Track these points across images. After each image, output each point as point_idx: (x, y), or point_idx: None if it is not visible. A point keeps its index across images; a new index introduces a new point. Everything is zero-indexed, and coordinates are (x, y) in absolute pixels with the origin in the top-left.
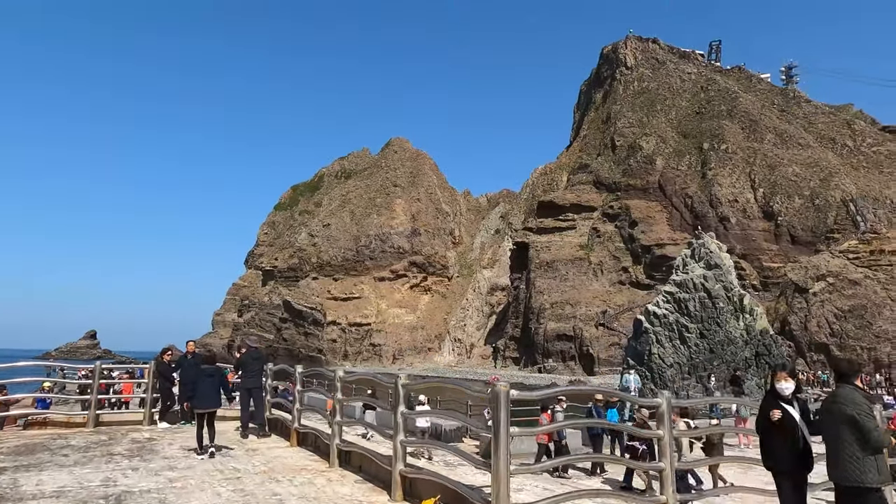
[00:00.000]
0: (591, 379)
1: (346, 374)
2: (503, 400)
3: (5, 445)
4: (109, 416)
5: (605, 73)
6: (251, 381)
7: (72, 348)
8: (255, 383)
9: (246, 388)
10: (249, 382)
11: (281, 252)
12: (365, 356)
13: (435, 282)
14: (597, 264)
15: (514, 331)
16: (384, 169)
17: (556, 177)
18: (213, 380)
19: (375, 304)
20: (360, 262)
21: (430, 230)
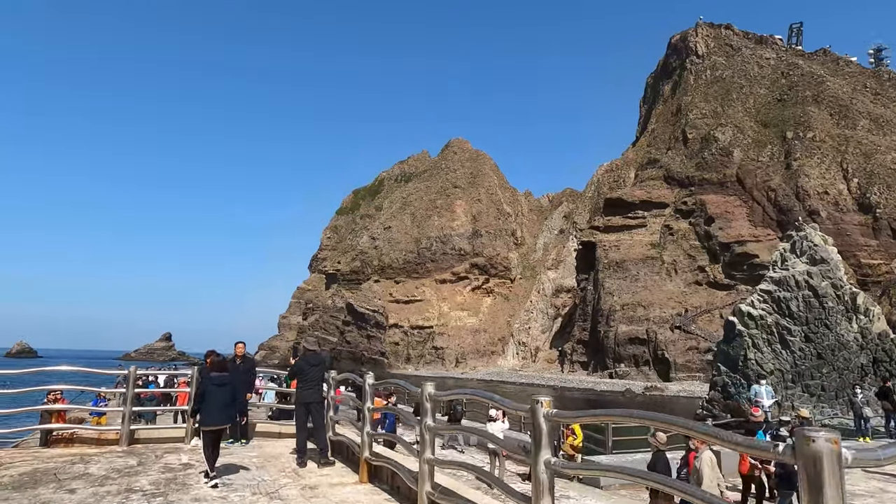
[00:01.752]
0: (668, 385)
1: (376, 381)
2: None
3: (11, 472)
4: (147, 430)
5: (673, 64)
6: (309, 394)
7: (149, 350)
8: (313, 396)
9: (303, 403)
10: (307, 395)
11: (343, 256)
12: (427, 359)
13: (497, 284)
14: (670, 263)
15: (581, 334)
16: (444, 170)
17: (622, 173)
18: (224, 390)
19: (437, 306)
20: (422, 265)
21: (492, 231)
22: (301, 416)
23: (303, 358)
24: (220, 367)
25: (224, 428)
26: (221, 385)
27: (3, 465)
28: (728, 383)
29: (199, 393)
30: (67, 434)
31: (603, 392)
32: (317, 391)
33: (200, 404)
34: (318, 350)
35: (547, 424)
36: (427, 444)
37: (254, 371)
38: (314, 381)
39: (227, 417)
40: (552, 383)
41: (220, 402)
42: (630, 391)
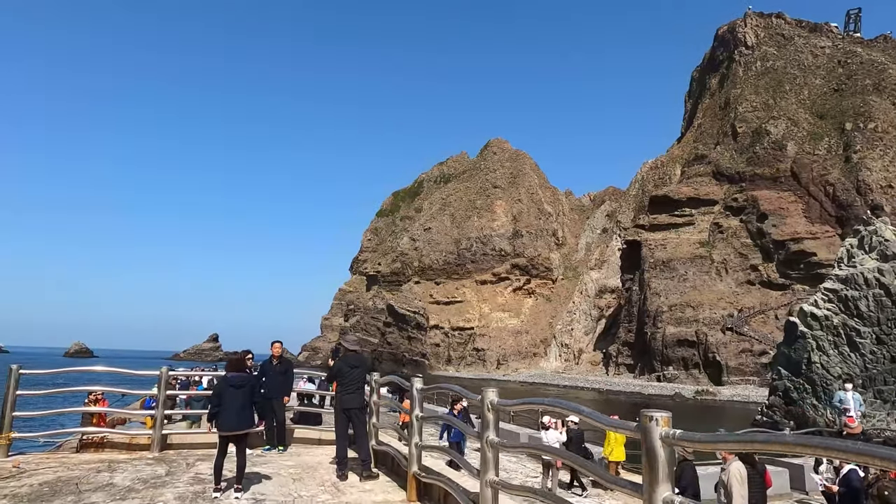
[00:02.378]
0: (720, 389)
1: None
2: None
3: (32, 481)
4: (181, 435)
5: (720, 56)
6: (350, 398)
7: (197, 350)
8: (355, 401)
9: (344, 409)
10: (348, 400)
11: (384, 257)
12: (468, 361)
13: (539, 284)
14: (720, 262)
15: (627, 336)
16: (483, 171)
17: (668, 170)
18: (242, 392)
19: (478, 307)
20: (462, 266)
21: (533, 231)
22: (341, 424)
23: (342, 359)
24: (236, 366)
25: (243, 433)
26: (239, 386)
27: (28, 472)
28: (790, 388)
29: (216, 394)
30: (98, 438)
31: (651, 396)
32: (358, 396)
33: (218, 407)
34: (358, 350)
35: (665, 450)
36: (490, 463)
37: (291, 373)
38: (355, 385)
39: (245, 421)
40: (597, 386)
41: (237, 405)
42: (680, 395)
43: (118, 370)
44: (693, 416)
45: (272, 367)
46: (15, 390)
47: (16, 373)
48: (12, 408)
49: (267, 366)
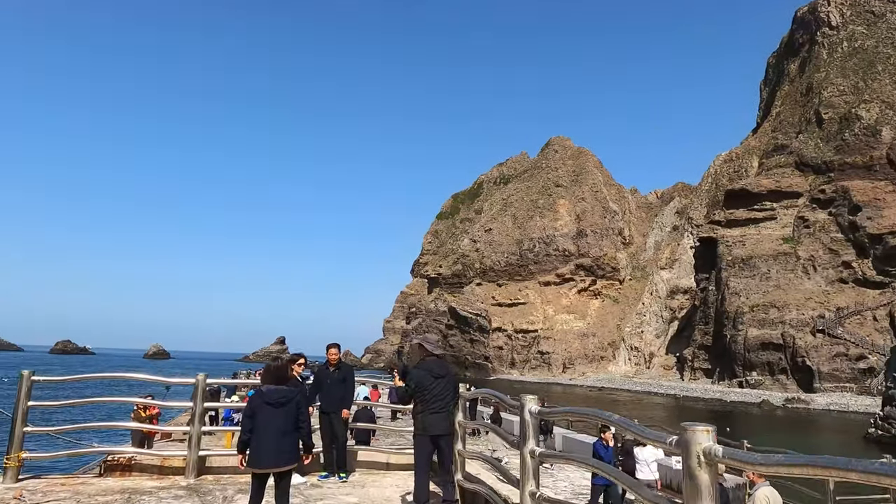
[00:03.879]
0: (813, 397)
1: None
2: None
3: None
4: (222, 457)
5: (800, 39)
6: (437, 420)
7: (265, 352)
8: (442, 425)
9: (430, 435)
10: (435, 422)
11: (444, 259)
12: (533, 364)
13: (605, 285)
14: (807, 259)
15: (703, 338)
16: (545, 169)
17: (743, 163)
18: (284, 412)
19: (542, 309)
20: (524, 267)
21: (598, 230)
22: (423, 454)
23: (423, 366)
24: (276, 376)
25: (284, 470)
26: (279, 404)
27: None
28: None
29: (247, 415)
30: (125, 459)
31: (733, 403)
32: (447, 417)
33: (249, 433)
34: (443, 355)
35: (708, 469)
36: (530, 474)
37: (351, 381)
38: (443, 401)
39: (286, 454)
40: (672, 392)
41: (275, 430)
42: (767, 403)
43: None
44: (785, 427)
45: (329, 375)
46: (27, 400)
47: (28, 379)
48: (24, 421)
49: (322, 373)
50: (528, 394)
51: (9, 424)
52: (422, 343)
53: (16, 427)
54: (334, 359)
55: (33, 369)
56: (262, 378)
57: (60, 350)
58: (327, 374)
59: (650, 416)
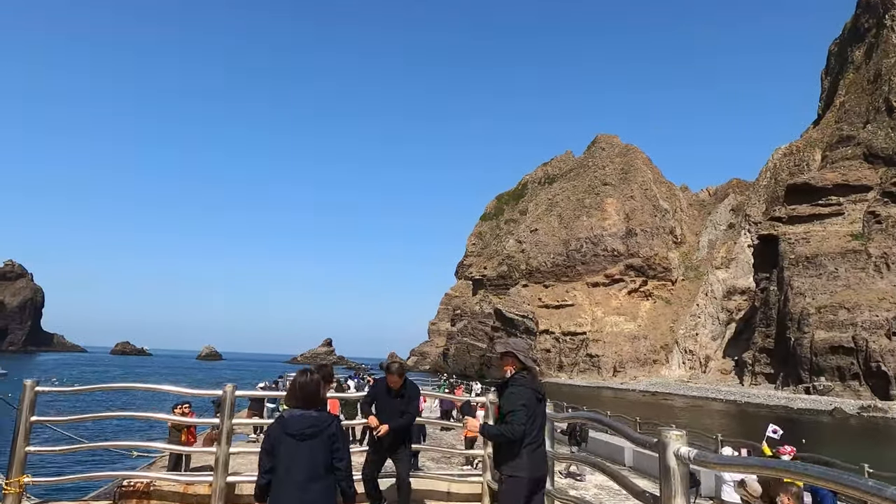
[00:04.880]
0: (890, 405)
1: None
2: None
3: None
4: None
5: (866, 24)
6: (538, 458)
7: (313, 354)
8: (544, 463)
9: (531, 478)
10: (536, 461)
11: (489, 261)
12: (582, 367)
13: (656, 286)
14: (879, 257)
15: (764, 341)
16: (591, 168)
17: (805, 156)
18: (311, 447)
19: (590, 311)
20: (572, 267)
21: (648, 230)
22: (514, 500)
23: (525, 383)
24: (304, 396)
25: None
26: (304, 437)
27: None
28: None
29: (266, 450)
30: (142, 485)
31: (800, 410)
32: (544, 453)
33: (268, 474)
34: (536, 371)
35: (681, 468)
36: None
37: (415, 407)
38: (543, 431)
39: (322, 497)
40: (731, 398)
41: (298, 473)
42: (840, 411)
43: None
44: (862, 438)
45: (388, 402)
46: (30, 415)
47: (31, 391)
48: (26, 440)
49: (380, 394)
50: (580, 397)
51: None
52: (512, 352)
53: (17, 447)
54: (396, 384)
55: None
56: (287, 397)
57: (120, 351)
58: (387, 399)
59: (709, 423)
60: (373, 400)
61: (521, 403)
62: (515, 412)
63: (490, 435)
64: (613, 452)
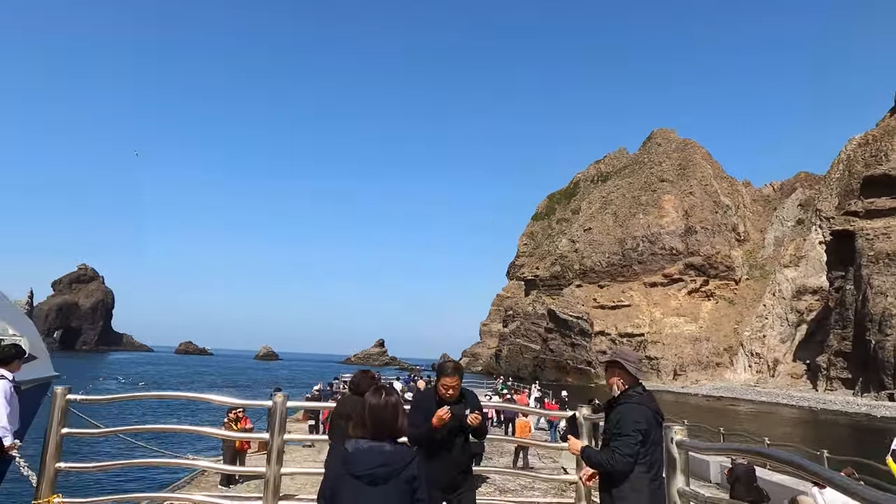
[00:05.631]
0: None
1: None
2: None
3: None
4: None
5: None
6: (663, 493)
7: (366, 355)
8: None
9: None
10: (662, 497)
11: (541, 261)
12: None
13: (718, 286)
14: None
15: (840, 344)
16: (647, 164)
17: (883, 145)
18: (385, 493)
19: (648, 312)
20: (628, 267)
21: (708, 227)
22: None
23: (634, 399)
24: (376, 422)
25: None
26: (374, 480)
27: None
28: None
29: (324, 496)
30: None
31: (885, 419)
32: None
33: None
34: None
35: (680, 453)
36: None
37: (484, 425)
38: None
39: None
40: (804, 404)
41: None
42: None
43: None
44: None
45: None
46: (60, 427)
47: (61, 399)
48: (57, 455)
49: (429, 406)
50: None
51: None
52: (621, 361)
53: (46, 463)
54: (453, 392)
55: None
56: (353, 425)
57: (183, 350)
58: (425, 395)
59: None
60: (424, 418)
61: (635, 428)
62: (627, 437)
63: (594, 462)
64: (695, 466)
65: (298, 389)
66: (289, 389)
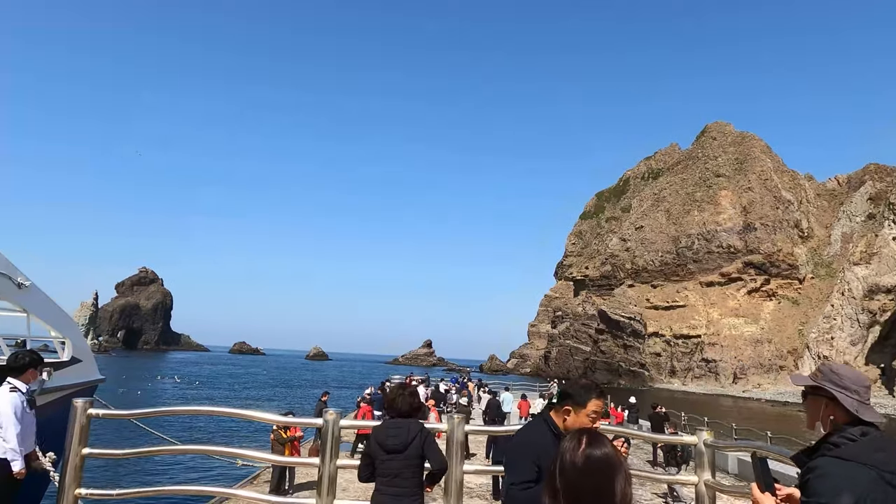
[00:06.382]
0: None
1: None
2: None
3: None
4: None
5: None
6: None
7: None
8: None
9: None
10: None
11: (591, 261)
12: (696, 373)
13: (781, 285)
14: None
15: None
16: (701, 159)
17: None
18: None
19: (704, 312)
20: (682, 266)
21: (769, 223)
22: None
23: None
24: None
25: None
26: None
27: None
28: None
29: None
30: None
31: None
32: None
33: None
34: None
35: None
36: None
37: None
38: None
39: None
40: (882, 411)
41: None
42: None
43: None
44: None
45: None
46: (81, 447)
47: (81, 416)
48: (77, 480)
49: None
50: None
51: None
52: (828, 387)
53: (65, 489)
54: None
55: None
56: None
57: (237, 350)
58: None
59: None
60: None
61: (846, 500)
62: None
63: None
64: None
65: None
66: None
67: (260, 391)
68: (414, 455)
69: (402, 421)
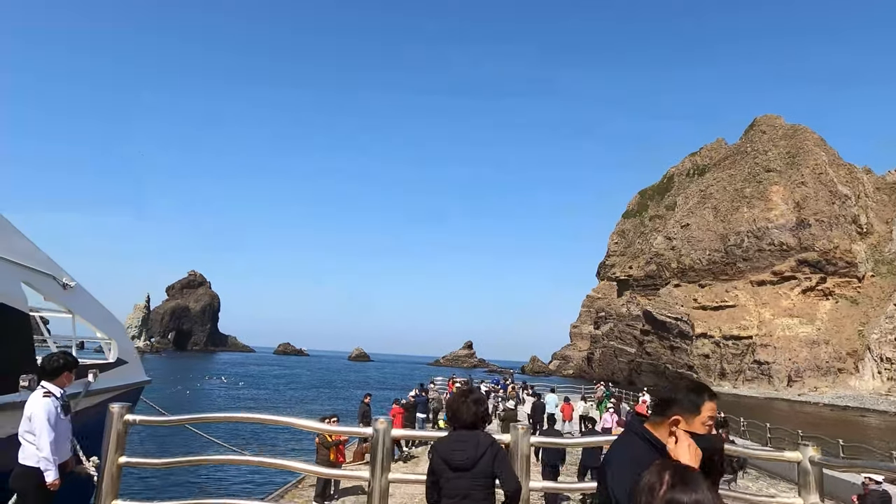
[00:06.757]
0: None
1: None
2: None
3: None
4: None
5: None
6: None
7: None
8: None
9: None
10: None
11: (634, 260)
12: (748, 376)
13: (838, 284)
14: None
15: None
16: (750, 154)
17: None
18: None
19: (756, 312)
20: (731, 265)
21: (824, 219)
22: None
23: None
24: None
25: None
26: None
27: None
28: None
29: None
30: None
31: None
32: None
33: None
34: None
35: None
36: None
37: None
38: None
39: None
40: None
41: None
42: None
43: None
44: None
45: None
46: (118, 455)
47: (118, 422)
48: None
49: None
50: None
51: None
52: None
53: (101, 499)
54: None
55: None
56: None
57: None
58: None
59: None
60: None
61: None
62: None
63: None
64: None
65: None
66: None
67: (304, 391)
68: (483, 473)
69: (469, 433)
